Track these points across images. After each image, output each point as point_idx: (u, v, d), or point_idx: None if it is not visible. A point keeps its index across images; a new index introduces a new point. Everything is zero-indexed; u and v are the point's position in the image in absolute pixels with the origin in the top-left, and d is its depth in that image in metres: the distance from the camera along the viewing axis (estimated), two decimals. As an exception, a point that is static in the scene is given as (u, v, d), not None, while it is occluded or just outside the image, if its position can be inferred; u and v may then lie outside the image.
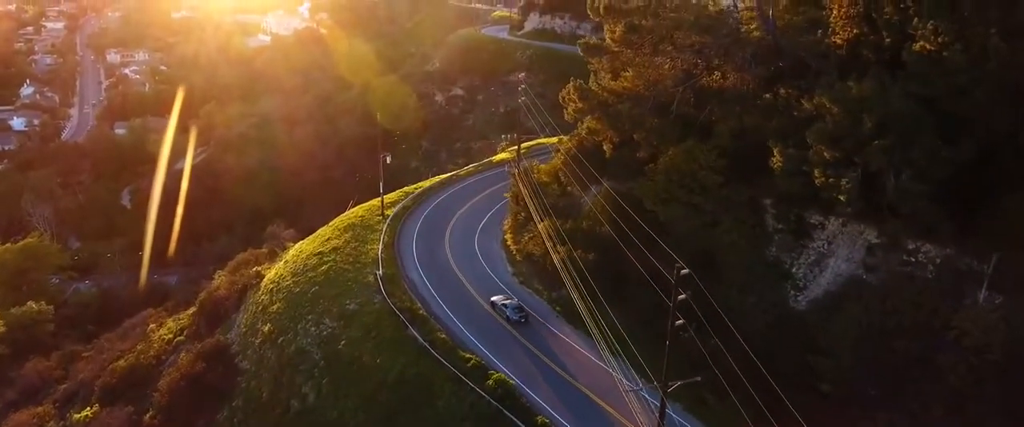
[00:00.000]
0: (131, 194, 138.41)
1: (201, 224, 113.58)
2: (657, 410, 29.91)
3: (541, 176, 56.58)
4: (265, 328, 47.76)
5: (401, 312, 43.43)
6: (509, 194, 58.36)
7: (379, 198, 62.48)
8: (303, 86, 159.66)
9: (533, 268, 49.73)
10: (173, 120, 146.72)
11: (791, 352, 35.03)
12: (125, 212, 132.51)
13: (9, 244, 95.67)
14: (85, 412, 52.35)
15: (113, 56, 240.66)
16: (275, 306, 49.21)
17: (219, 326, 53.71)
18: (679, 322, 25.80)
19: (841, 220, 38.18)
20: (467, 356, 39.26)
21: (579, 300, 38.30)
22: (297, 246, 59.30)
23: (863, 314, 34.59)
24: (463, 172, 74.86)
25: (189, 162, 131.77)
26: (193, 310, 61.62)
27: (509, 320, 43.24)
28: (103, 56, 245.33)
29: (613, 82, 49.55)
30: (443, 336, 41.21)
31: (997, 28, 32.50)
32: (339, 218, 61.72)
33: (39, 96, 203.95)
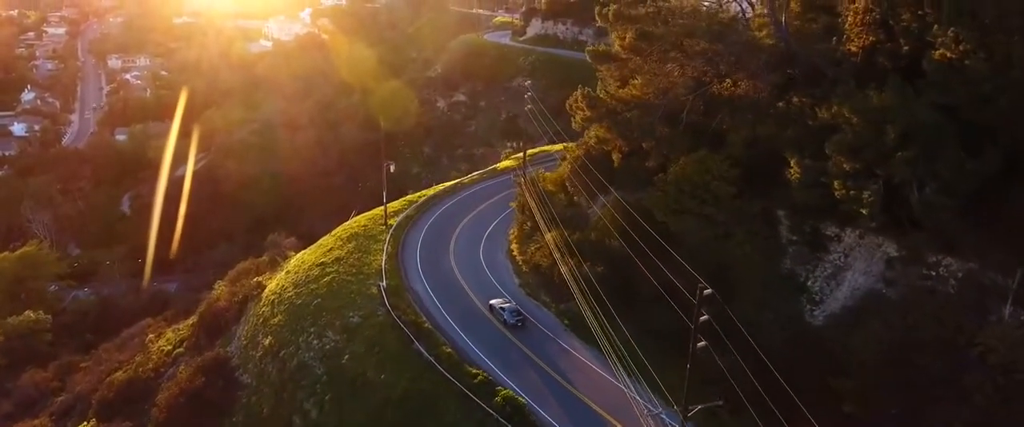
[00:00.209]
0: (131, 200, 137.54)
1: (201, 230, 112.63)
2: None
3: (547, 185, 55.61)
4: (266, 341, 46.73)
5: (406, 325, 42.39)
6: (515, 203, 57.42)
7: (382, 207, 61.55)
8: (304, 91, 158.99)
9: (540, 279, 48.72)
10: (175, 126, 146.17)
11: (809, 369, 33.93)
12: (125, 219, 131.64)
13: (7, 252, 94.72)
14: (82, 427, 51.29)
15: (114, 61, 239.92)
16: (276, 318, 48.18)
17: (219, 338, 52.66)
18: (701, 344, 24.76)
19: (858, 232, 37.17)
20: (474, 371, 38.20)
21: (589, 314, 37.30)
22: (299, 255, 58.29)
23: (883, 330, 33.53)
24: (467, 180, 73.91)
25: (190, 168, 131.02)
26: (193, 320, 60.59)
27: (506, 323, 42.85)
28: (104, 61, 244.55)
29: (621, 90, 48.65)
30: (449, 350, 40.16)
31: (1020, 35, 31.68)
32: (341, 227, 60.72)
33: (40, 102, 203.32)
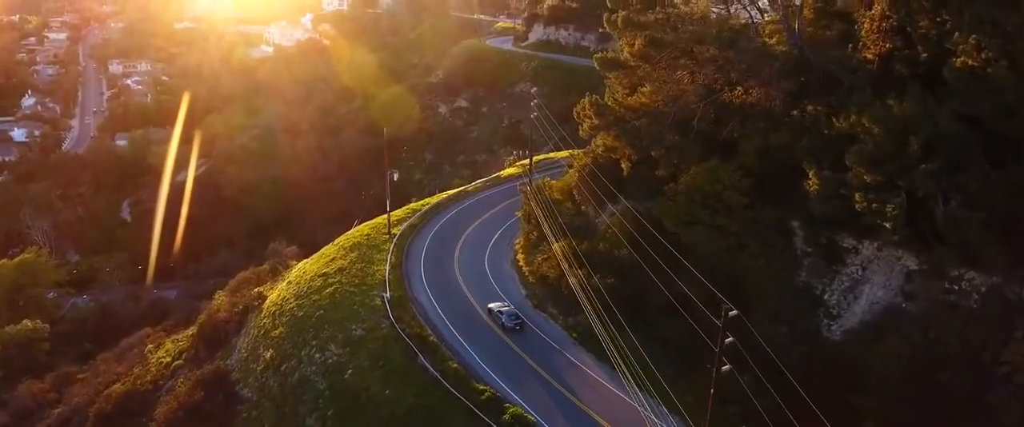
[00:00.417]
0: (131, 207, 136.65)
1: (202, 236, 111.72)
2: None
3: (554, 193, 54.65)
4: (267, 354, 45.67)
5: (410, 339, 41.34)
6: (520, 212, 56.45)
7: (384, 215, 60.57)
8: (306, 97, 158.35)
9: (547, 291, 47.64)
10: (177, 132, 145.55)
11: (827, 385, 32.90)
12: (125, 225, 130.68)
13: (6, 259, 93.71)
14: (78, 440, 50.21)
15: (115, 67, 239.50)
16: (277, 330, 47.14)
17: (219, 350, 51.58)
18: (726, 368, 23.72)
19: (876, 245, 36.16)
20: (481, 388, 37.12)
21: (600, 327, 36.27)
22: (300, 265, 57.27)
23: (904, 346, 32.53)
24: (471, 188, 72.93)
25: (191, 174, 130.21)
26: (192, 331, 59.54)
27: (504, 327, 42.94)
28: (105, 66, 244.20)
29: (630, 97, 47.78)
30: (455, 365, 39.07)
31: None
32: (344, 236, 59.71)
33: (40, 107, 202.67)
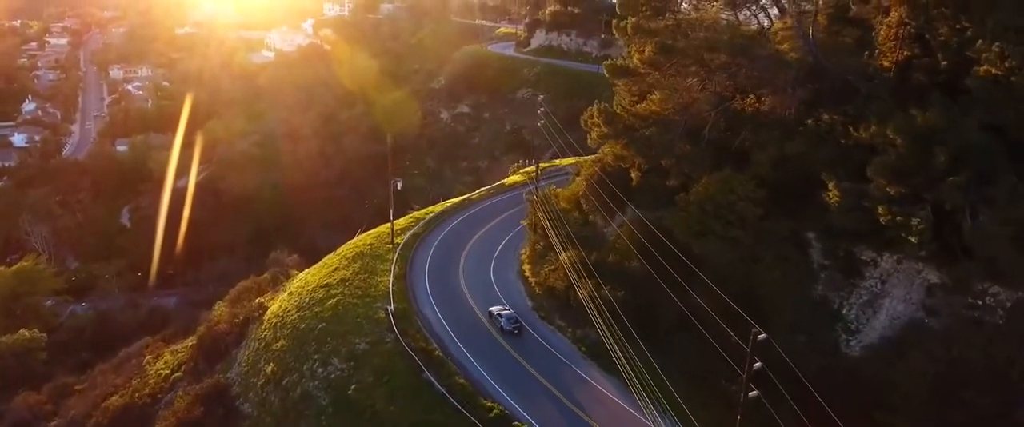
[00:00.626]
0: (131, 213, 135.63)
1: (202, 243, 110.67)
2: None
3: (561, 202, 53.63)
4: (268, 368, 44.55)
5: (416, 353, 40.27)
6: (526, 221, 55.43)
7: (387, 224, 59.55)
8: (307, 102, 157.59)
9: (555, 303, 46.59)
10: (178, 137, 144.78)
11: (848, 402, 31.79)
12: (124, 231, 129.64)
13: (3, 267, 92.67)
14: (74, 455, 49.02)
15: (116, 72, 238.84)
16: (279, 343, 46.04)
17: (219, 363, 50.44)
18: (753, 393, 22.66)
19: (896, 257, 35.13)
20: (489, 405, 36.07)
21: (611, 341, 35.22)
22: (302, 275, 56.21)
23: (927, 363, 31.47)
24: (475, 196, 71.92)
25: (193, 180, 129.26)
26: (192, 341, 58.44)
27: (503, 330, 43.37)
28: (106, 72, 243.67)
29: (639, 105, 46.81)
30: (462, 381, 38.02)
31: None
32: (346, 246, 58.68)
33: (41, 112, 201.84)
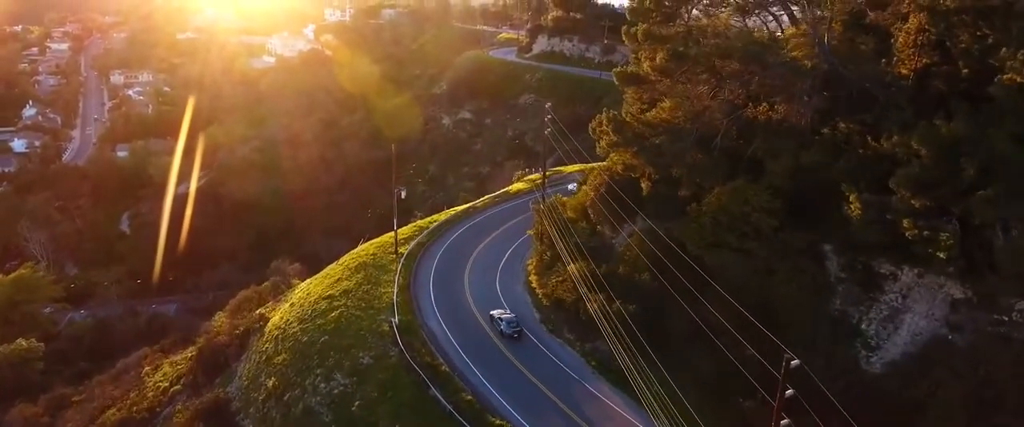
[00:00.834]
0: (130, 219, 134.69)
1: (202, 250, 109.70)
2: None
3: (568, 212, 52.59)
4: (269, 382, 43.46)
5: (421, 368, 39.19)
6: (532, 231, 54.40)
7: (391, 233, 58.51)
8: (308, 108, 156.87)
9: (563, 315, 45.48)
10: (179, 143, 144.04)
11: (869, 422, 30.73)
12: (124, 238, 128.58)
13: (1, 275, 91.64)
14: (71, 470, 47.88)
15: (117, 77, 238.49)
16: (280, 356, 44.97)
17: (219, 376, 49.39)
18: (785, 422, 21.56)
19: (916, 271, 33.96)
20: (497, 422, 35.01)
21: (623, 355, 34.12)
22: (304, 286, 55.19)
23: (953, 382, 30.38)
24: (479, 204, 70.93)
25: (193, 186, 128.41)
26: (191, 352, 57.39)
27: (502, 333, 43.51)
28: (107, 77, 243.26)
29: (648, 113, 45.82)
30: (469, 398, 36.92)
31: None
32: (349, 255, 57.64)
33: (41, 117, 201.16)
